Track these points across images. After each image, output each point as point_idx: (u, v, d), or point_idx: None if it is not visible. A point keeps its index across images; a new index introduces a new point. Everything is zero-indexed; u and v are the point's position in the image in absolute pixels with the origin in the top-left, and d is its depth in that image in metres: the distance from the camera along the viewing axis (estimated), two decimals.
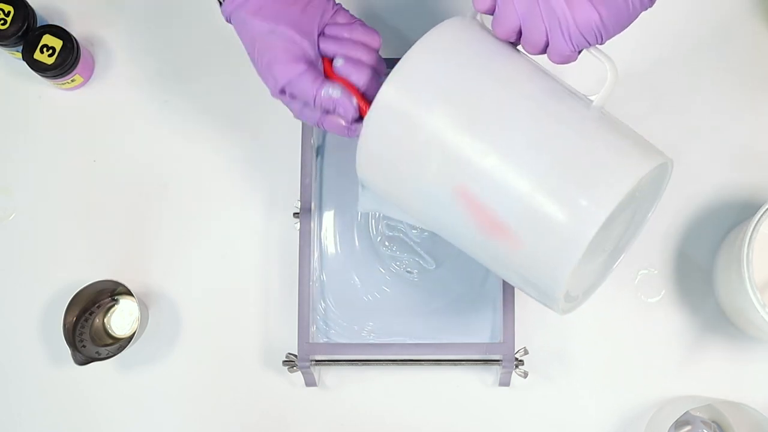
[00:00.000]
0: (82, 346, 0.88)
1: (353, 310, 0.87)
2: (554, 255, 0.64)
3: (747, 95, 0.94)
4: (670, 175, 0.71)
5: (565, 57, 0.66)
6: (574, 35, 0.64)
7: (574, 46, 0.65)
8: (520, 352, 0.84)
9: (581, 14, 0.63)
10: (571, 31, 0.64)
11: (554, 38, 0.65)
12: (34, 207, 0.93)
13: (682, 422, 0.88)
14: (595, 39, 0.65)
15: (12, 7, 0.90)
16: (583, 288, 0.71)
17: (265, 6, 0.71)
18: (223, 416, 0.90)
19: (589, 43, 0.65)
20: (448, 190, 0.65)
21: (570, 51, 0.65)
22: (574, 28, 0.64)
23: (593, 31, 0.64)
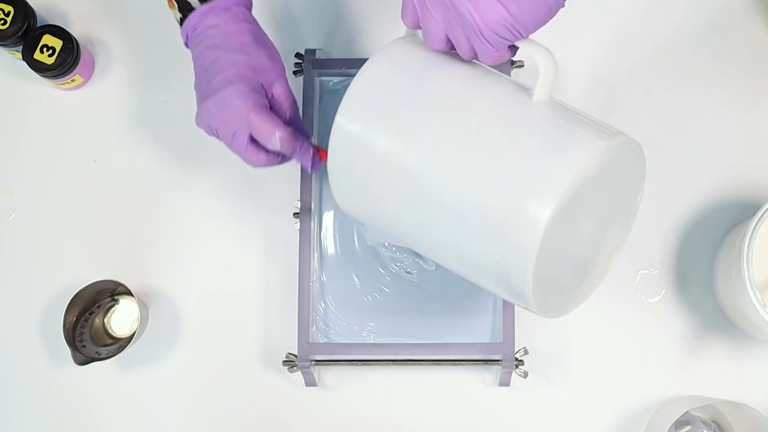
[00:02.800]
0: (82, 346, 0.88)
1: (353, 310, 0.87)
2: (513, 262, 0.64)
3: (747, 95, 0.94)
4: (642, 158, 0.69)
5: (493, 57, 0.65)
6: (488, 36, 0.64)
7: (494, 46, 0.64)
8: (520, 352, 0.84)
9: (488, 15, 0.63)
10: (484, 33, 0.64)
11: (475, 43, 0.65)
12: (34, 207, 0.93)
13: (682, 422, 0.88)
14: (512, 35, 0.64)
15: (12, 7, 0.90)
16: (569, 287, 0.71)
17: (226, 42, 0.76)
18: (223, 416, 0.90)
19: (507, 40, 0.64)
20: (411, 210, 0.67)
21: (494, 52, 0.65)
22: (486, 28, 0.63)
23: (506, 29, 0.63)
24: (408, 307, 0.87)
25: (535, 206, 0.61)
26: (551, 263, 0.64)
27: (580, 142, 0.64)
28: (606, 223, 0.71)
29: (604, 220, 0.70)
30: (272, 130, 0.74)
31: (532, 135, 0.64)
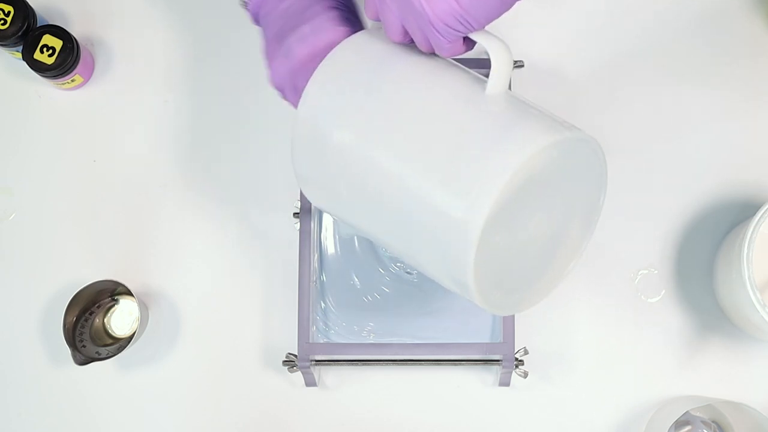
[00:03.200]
0: (82, 346, 0.88)
1: (353, 310, 0.87)
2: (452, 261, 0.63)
3: (747, 95, 0.94)
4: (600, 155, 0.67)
5: (447, 50, 0.64)
6: (439, 27, 0.63)
7: (446, 38, 0.64)
8: (520, 352, 0.84)
9: (438, 6, 0.62)
10: (435, 24, 0.63)
11: (428, 34, 0.64)
12: (34, 207, 0.93)
13: (682, 422, 0.88)
14: (463, 27, 0.63)
15: (12, 7, 0.90)
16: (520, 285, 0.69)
17: None
18: (223, 416, 0.90)
19: (458, 31, 0.64)
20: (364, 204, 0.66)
21: (446, 43, 0.64)
22: (436, 20, 0.63)
23: (457, 20, 0.63)
24: (408, 307, 0.87)
25: (470, 208, 0.60)
26: (495, 260, 0.63)
27: (524, 137, 0.62)
28: (561, 221, 0.69)
29: (559, 217, 0.68)
30: None
31: (476, 129, 0.63)
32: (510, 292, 0.68)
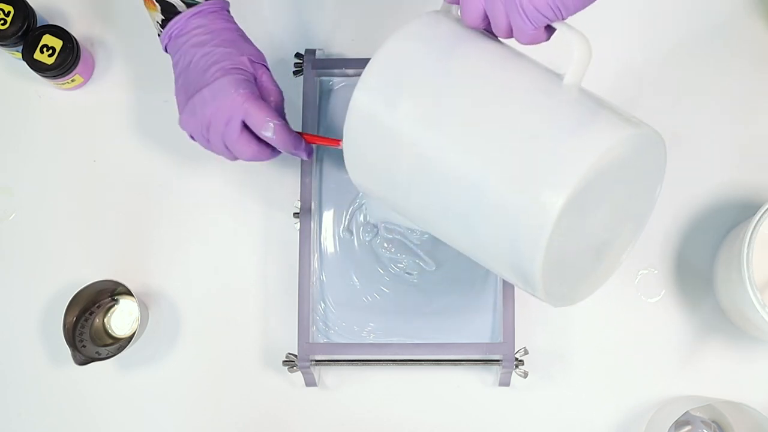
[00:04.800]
0: (82, 346, 0.88)
1: (353, 310, 0.87)
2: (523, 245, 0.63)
3: (747, 96, 0.94)
4: (664, 152, 0.69)
5: (529, 36, 0.65)
6: (530, 13, 0.63)
7: (533, 23, 0.64)
8: (520, 352, 0.84)
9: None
10: (526, 9, 0.63)
11: (514, 18, 0.64)
12: (34, 207, 0.93)
13: (682, 422, 0.88)
14: (554, 14, 0.64)
15: (12, 7, 0.90)
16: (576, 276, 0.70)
17: None
18: (223, 416, 0.90)
19: (548, 19, 0.64)
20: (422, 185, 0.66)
21: (531, 30, 0.64)
22: (529, 5, 0.63)
23: (549, 7, 0.63)
24: (408, 307, 0.87)
25: (551, 190, 0.61)
26: (561, 250, 0.63)
27: (605, 127, 0.63)
28: (621, 215, 0.70)
29: (620, 211, 0.69)
30: (266, 117, 0.76)
31: (558, 117, 0.64)
32: (565, 283, 0.68)
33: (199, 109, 0.76)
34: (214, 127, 0.77)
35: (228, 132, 0.76)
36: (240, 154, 0.78)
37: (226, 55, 0.77)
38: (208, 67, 0.77)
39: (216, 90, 0.76)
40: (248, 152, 0.77)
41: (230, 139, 0.77)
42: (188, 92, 0.77)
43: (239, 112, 0.76)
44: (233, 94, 0.75)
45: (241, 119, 0.76)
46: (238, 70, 0.77)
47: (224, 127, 0.76)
